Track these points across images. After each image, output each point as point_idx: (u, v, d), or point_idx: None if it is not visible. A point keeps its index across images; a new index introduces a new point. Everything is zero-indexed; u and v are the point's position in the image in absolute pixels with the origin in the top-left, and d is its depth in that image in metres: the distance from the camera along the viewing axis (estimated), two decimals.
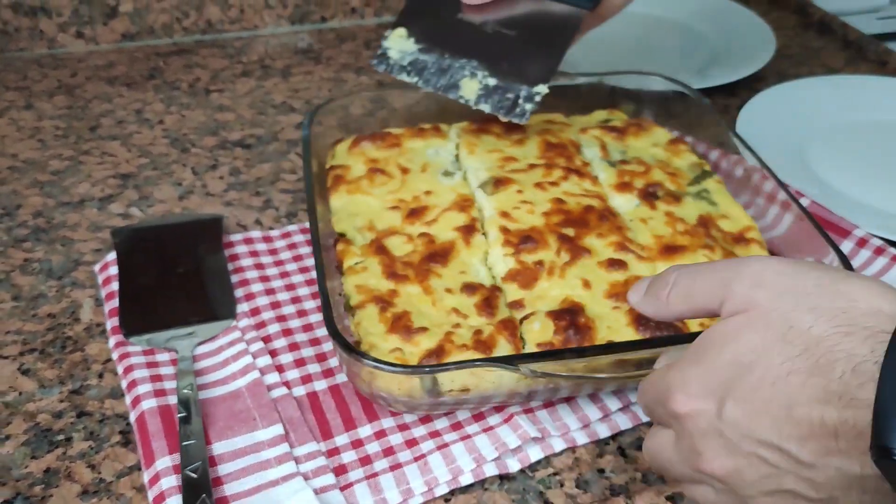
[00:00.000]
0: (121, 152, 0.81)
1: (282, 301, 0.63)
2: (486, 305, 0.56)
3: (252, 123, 0.86)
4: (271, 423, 0.52)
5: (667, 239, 0.62)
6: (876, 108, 0.89)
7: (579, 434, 0.53)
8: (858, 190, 0.76)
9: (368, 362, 0.48)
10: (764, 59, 0.96)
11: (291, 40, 1.03)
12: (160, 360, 0.57)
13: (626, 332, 0.54)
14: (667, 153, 0.72)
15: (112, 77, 0.94)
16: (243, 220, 0.72)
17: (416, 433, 0.53)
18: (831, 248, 0.57)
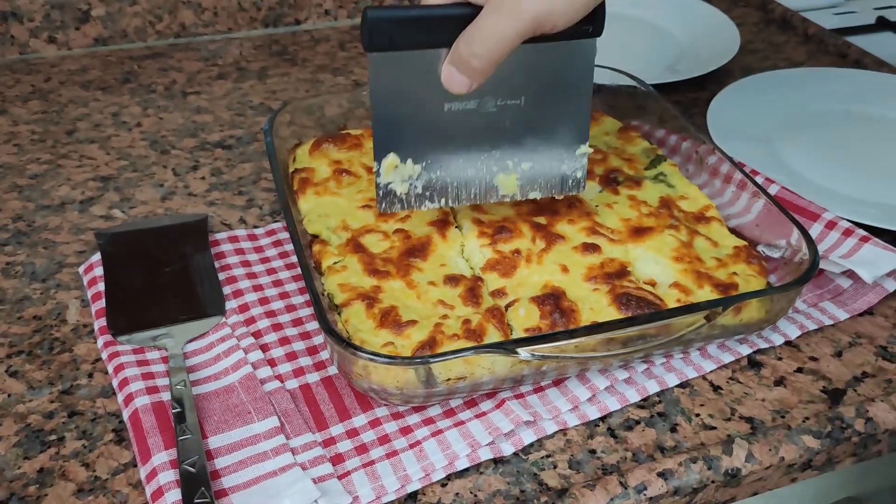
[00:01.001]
0: (99, 155, 0.80)
1: (270, 297, 0.63)
2: (470, 295, 0.57)
3: (231, 124, 0.86)
4: (266, 416, 0.52)
5: (634, 221, 0.64)
6: (838, 99, 0.92)
7: (570, 416, 0.54)
8: (825, 177, 0.79)
9: (366, 356, 0.49)
10: (730, 54, 0.99)
11: (266, 42, 1.04)
12: (150, 359, 0.57)
13: (608, 311, 0.56)
14: (619, 141, 0.75)
15: (86, 81, 0.93)
16: (227, 220, 0.72)
17: (411, 421, 0.54)
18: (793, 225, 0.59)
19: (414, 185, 0.57)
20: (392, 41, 0.50)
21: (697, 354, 0.59)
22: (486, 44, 0.48)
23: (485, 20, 0.48)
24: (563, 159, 0.59)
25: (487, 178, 0.58)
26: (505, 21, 0.47)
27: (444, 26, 0.50)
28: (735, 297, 0.54)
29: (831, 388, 0.57)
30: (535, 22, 0.47)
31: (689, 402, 0.56)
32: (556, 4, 0.47)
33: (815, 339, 0.62)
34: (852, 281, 0.65)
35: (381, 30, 0.50)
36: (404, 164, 0.56)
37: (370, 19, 0.49)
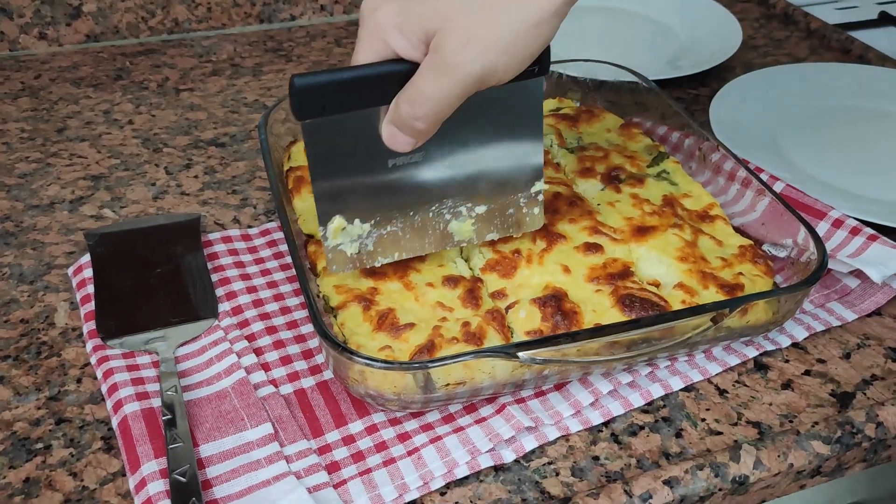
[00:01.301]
0: (90, 154, 0.79)
1: (264, 299, 0.62)
2: (470, 297, 0.56)
3: (225, 122, 0.84)
4: (260, 423, 0.51)
5: (637, 220, 0.62)
6: (842, 94, 0.91)
7: (572, 421, 0.53)
8: (830, 174, 0.77)
9: (363, 360, 0.47)
10: (731, 49, 0.98)
11: (261, 38, 1.02)
12: (141, 363, 0.55)
13: (612, 313, 0.54)
14: (621, 137, 0.74)
15: (77, 78, 0.91)
16: (221, 219, 0.70)
17: (408, 427, 0.52)
18: (800, 224, 0.58)
19: (364, 243, 0.55)
20: (325, 107, 0.47)
21: (702, 357, 0.58)
22: (428, 105, 0.45)
23: (424, 81, 0.45)
24: (518, 198, 0.57)
25: (441, 226, 0.56)
26: (445, 82, 0.44)
27: (379, 86, 0.47)
28: (742, 298, 0.53)
29: (840, 391, 0.56)
30: (477, 81, 0.44)
31: (694, 406, 0.55)
32: (498, 62, 0.44)
33: (823, 340, 0.60)
34: (860, 281, 0.63)
35: (312, 97, 0.46)
36: (352, 225, 0.54)
37: (299, 88, 0.46)
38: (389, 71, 0.46)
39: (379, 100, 0.48)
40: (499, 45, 0.44)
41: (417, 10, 0.44)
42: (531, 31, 0.44)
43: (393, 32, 0.45)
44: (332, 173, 0.51)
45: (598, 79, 0.80)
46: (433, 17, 0.44)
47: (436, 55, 0.44)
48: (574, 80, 0.81)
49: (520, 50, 0.44)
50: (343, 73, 0.47)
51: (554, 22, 0.44)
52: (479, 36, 0.43)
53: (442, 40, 0.44)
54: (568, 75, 0.80)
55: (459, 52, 0.43)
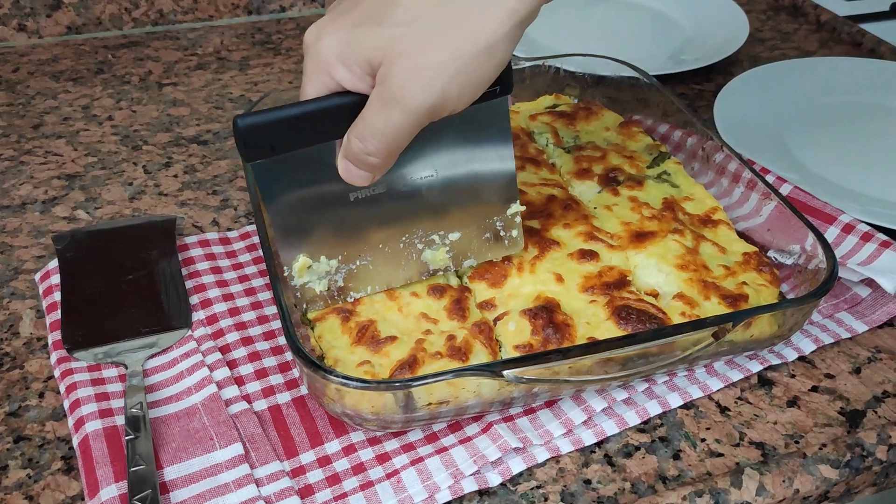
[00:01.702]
0: (66, 151, 0.76)
1: (241, 307, 0.58)
2: (456, 308, 0.52)
3: (208, 118, 0.81)
4: (230, 443, 0.48)
5: (635, 225, 0.59)
6: (853, 90, 0.87)
7: (563, 442, 0.50)
8: (841, 175, 0.74)
9: (338, 379, 0.44)
10: (737, 43, 0.94)
11: (248, 31, 0.99)
12: (107, 377, 0.52)
13: (606, 326, 0.51)
14: (620, 136, 0.70)
15: (57, 72, 0.88)
16: (199, 221, 0.67)
17: (389, 447, 0.49)
18: (809, 230, 0.54)
19: (333, 279, 0.52)
20: (273, 147, 0.44)
21: (703, 372, 0.55)
22: (379, 140, 0.42)
23: (373, 115, 0.42)
24: (494, 222, 0.54)
25: (414, 256, 0.53)
26: (395, 115, 0.41)
27: (329, 121, 0.44)
28: (746, 311, 0.49)
29: (849, 409, 0.53)
30: (429, 113, 0.41)
31: (693, 425, 0.51)
32: (448, 91, 0.41)
33: (832, 353, 0.57)
34: (871, 290, 0.60)
35: (258, 138, 0.44)
36: (318, 263, 0.51)
37: (242, 129, 0.43)
38: (338, 104, 0.43)
39: (331, 134, 0.45)
40: (447, 73, 0.40)
41: (360, 41, 0.41)
42: (482, 57, 0.41)
43: (336, 65, 0.42)
44: (289, 212, 0.49)
45: (597, 74, 0.77)
46: (377, 48, 0.41)
47: (383, 87, 0.41)
48: (572, 76, 0.77)
49: (472, 77, 0.41)
50: (289, 111, 0.43)
51: (507, 44, 0.41)
52: (427, 65, 0.40)
53: (388, 71, 0.41)
54: (566, 70, 0.77)
55: (407, 83, 0.40)
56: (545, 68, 0.77)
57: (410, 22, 0.40)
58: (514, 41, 0.42)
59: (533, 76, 0.77)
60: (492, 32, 0.40)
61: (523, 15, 0.41)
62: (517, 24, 0.41)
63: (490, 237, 0.54)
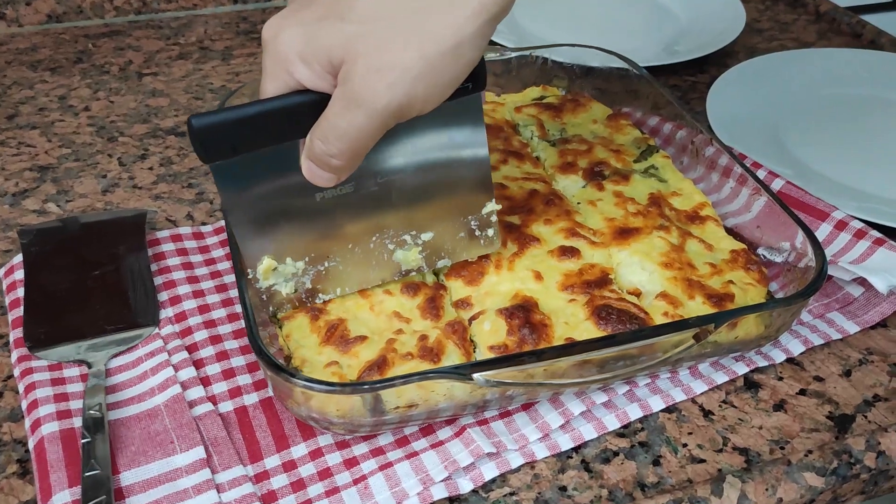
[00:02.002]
0: (40, 142, 0.74)
1: (211, 304, 0.57)
2: (430, 306, 0.50)
3: (187, 109, 0.79)
4: (191, 446, 0.46)
5: (619, 221, 0.57)
6: (852, 83, 0.84)
7: (538, 447, 0.48)
8: (836, 170, 0.71)
9: (301, 382, 0.42)
10: (733, 33, 0.92)
11: (233, 20, 0.96)
12: (68, 376, 0.50)
13: (585, 326, 0.49)
14: (608, 129, 0.68)
15: (35, 61, 0.86)
16: (173, 215, 0.65)
17: (357, 451, 0.47)
18: (798, 228, 0.52)
19: (301, 281, 0.50)
20: (234, 147, 0.42)
21: (687, 374, 0.53)
22: (342, 142, 0.40)
23: (336, 116, 0.40)
24: (468, 221, 0.52)
25: (385, 257, 0.51)
26: (358, 116, 0.39)
27: (290, 120, 0.42)
28: (729, 312, 0.47)
29: (838, 413, 0.51)
30: (394, 114, 0.39)
31: (675, 429, 0.49)
32: (414, 92, 0.39)
33: (821, 355, 0.55)
34: (864, 289, 0.58)
35: (215, 138, 0.41)
36: (284, 265, 0.49)
37: (197, 129, 0.41)
38: (299, 103, 0.41)
39: (293, 133, 0.43)
40: (412, 73, 0.38)
41: (321, 37, 0.39)
42: (448, 57, 0.38)
43: (296, 62, 0.40)
44: (252, 213, 0.46)
45: (586, 65, 0.74)
46: (338, 45, 0.38)
47: (345, 86, 0.39)
48: (561, 66, 0.75)
49: (438, 77, 0.39)
50: (247, 110, 0.41)
51: (476, 42, 0.39)
52: (390, 64, 0.38)
53: (350, 70, 0.38)
54: (554, 61, 0.75)
55: (369, 84, 0.38)
56: (532, 59, 0.75)
57: (372, 19, 0.38)
58: (485, 38, 0.39)
59: (520, 67, 0.75)
60: (458, 31, 0.38)
61: (493, 12, 0.39)
62: (486, 21, 0.39)
63: (465, 236, 0.52)
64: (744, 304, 0.52)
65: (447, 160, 0.49)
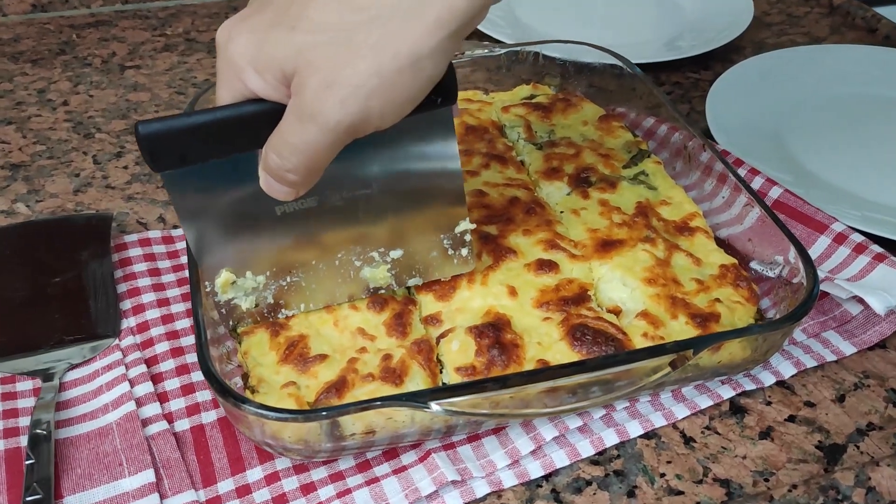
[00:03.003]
0: (15, 138, 0.72)
1: (175, 314, 0.55)
2: (397, 323, 0.48)
3: (168, 104, 0.77)
4: (140, 469, 0.44)
5: (602, 232, 0.54)
6: (864, 81, 0.80)
7: (506, 474, 0.45)
8: (840, 175, 0.68)
9: (251, 409, 0.40)
10: (740, 27, 0.88)
11: (222, 10, 0.94)
12: (20, 390, 0.48)
13: (559, 347, 0.47)
14: (598, 132, 0.65)
15: (17, 52, 0.84)
16: (144, 217, 0.63)
17: (316, 475, 0.45)
18: (790, 243, 0.49)
19: (262, 295, 0.48)
20: (184, 156, 0.40)
21: (669, 396, 0.50)
22: (297, 157, 0.38)
23: (289, 130, 0.38)
24: (441, 240, 0.49)
25: (351, 273, 0.49)
26: (311, 132, 0.37)
27: (243, 129, 0.39)
28: (710, 336, 0.44)
29: (828, 442, 0.48)
30: (349, 130, 0.37)
31: (653, 457, 0.47)
32: (369, 108, 0.36)
33: (814, 378, 0.52)
34: (862, 307, 0.54)
35: (165, 147, 0.39)
36: (243, 279, 0.47)
37: (144, 136, 0.38)
38: (253, 112, 0.39)
39: (247, 144, 0.40)
40: (365, 89, 0.36)
41: (271, 47, 0.36)
42: (406, 73, 0.36)
43: (248, 71, 0.37)
44: (208, 224, 0.44)
45: (580, 61, 0.71)
46: (290, 56, 0.36)
47: (298, 99, 0.37)
48: (553, 63, 0.72)
49: (395, 93, 0.36)
50: (198, 118, 0.39)
51: (437, 58, 0.36)
52: (343, 79, 0.35)
53: (302, 83, 0.36)
54: (546, 56, 0.72)
55: (321, 98, 0.36)
56: (524, 55, 0.72)
57: (325, 29, 0.36)
58: (447, 53, 0.37)
59: (511, 64, 0.72)
60: (416, 46, 0.35)
61: (453, 27, 0.36)
62: (447, 36, 0.36)
63: (438, 255, 0.50)
64: (731, 323, 0.49)
65: (417, 175, 0.46)
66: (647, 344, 0.47)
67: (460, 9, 0.35)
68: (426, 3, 0.35)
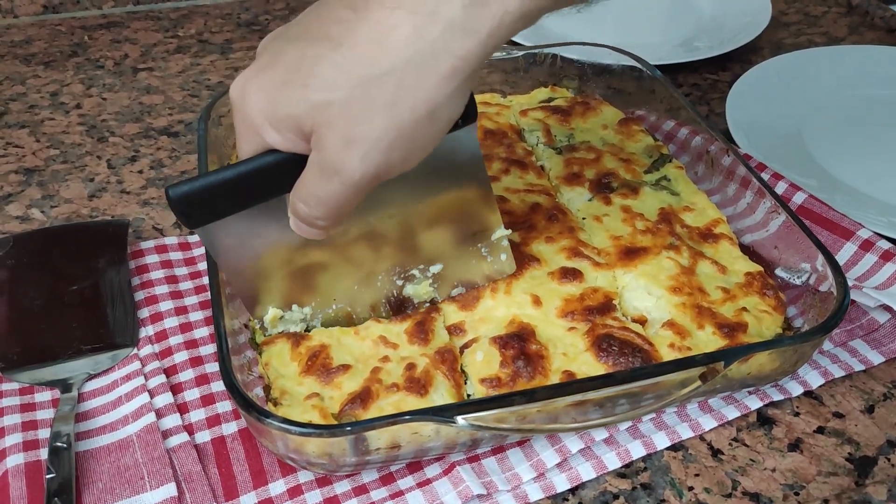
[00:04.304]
0: (28, 143, 0.71)
1: (194, 322, 0.54)
2: (418, 331, 0.47)
3: (182, 107, 0.76)
4: (162, 483, 0.43)
5: (626, 240, 0.53)
6: (885, 83, 0.79)
7: (532, 487, 0.45)
8: (865, 180, 0.67)
9: (275, 423, 0.39)
10: (758, 28, 0.87)
11: (235, 11, 0.93)
12: (39, 401, 0.48)
13: (585, 358, 0.46)
14: (618, 136, 0.64)
15: (29, 55, 0.84)
16: (160, 223, 0.63)
17: (339, 489, 0.44)
18: (818, 251, 0.48)
19: (311, 324, 0.49)
20: (215, 211, 0.42)
21: (695, 407, 0.49)
22: (324, 207, 0.39)
23: (313, 183, 0.38)
24: (479, 249, 0.49)
25: (395, 293, 0.49)
26: (335, 185, 0.37)
27: (267, 180, 0.40)
28: (739, 349, 0.44)
29: (859, 454, 0.47)
30: (372, 180, 0.37)
31: (681, 470, 0.46)
32: (389, 159, 0.36)
33: (842, 388, 0.51)
34: (890, 315, 0.53)
35: (195, 205, 0.40)
36: (290, 312, 0.48)
37: (175, 200, 0.40)
38: (274, 162, 0.39)
39: (273, 192, 0.41)
40: (385, 142, 0.36)
41: (286, 104, 0.36)
42: (424, 122, 0.36)
43: (266, 128, 0.38)
44: (248, 269, 0.45)
45: (598, 63, 0.70)
46: (306, 113, 0.36)
47: (318, 155, 0.37)
48: (572, 64, 0.71)
49: (414, 142, 0.36)
50: (224, 174, 0.40)
51: (454, 101, 0.36)
52: (361, 136, 0.35)
53: (321, 140, 0.36)
54: (564, 58, 0.71)
55: (342, 155, 0.36)
56: (542, 57, 0.71)
57: (338, 87, 0.35)
58: (464, 94, 0.37)
59: (529, 66, 0.71)
60: (431, 97, 0.35)
61: (469, 72, 0.36)
62: (463, 80, 0.36)
63: (476, 263, 0.50)
64: (758, 333, 0.48)
65: (447, 192, 0.46)
66: (674, 355, 0.46)
67: (475, 55, 0.35)
68: (439, 55, 0.34)
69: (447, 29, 0.34)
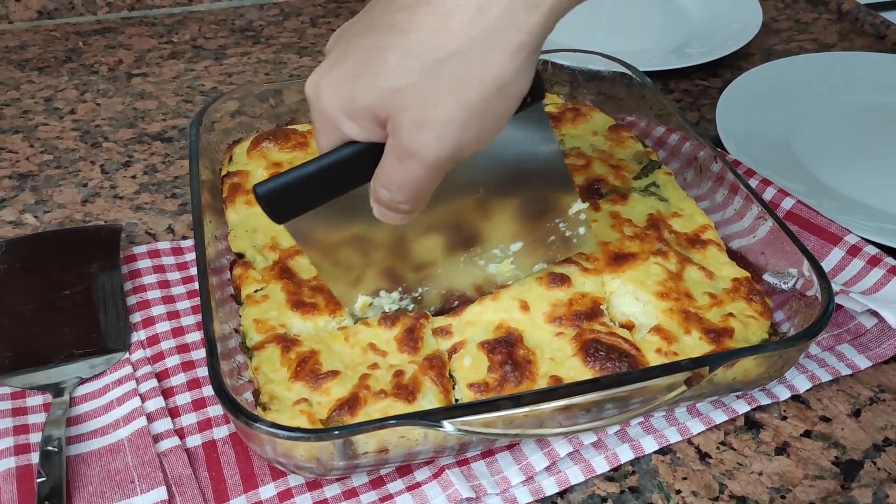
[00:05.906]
0: (22, 148, 0.71)
1: (186, 327, 0.54)
2: (408, 338, 0.48)
3: (175, 113, 0.77)
4: (152, 486, 0.44)
5: (614, 245, 0.54)
6: (874, 89, 0.80)
7: (520, 490, 0.45)
8: (853, 185, 0.67)
9: (263, 428, 0.39)
10: (749, 34, 0.87)
11: (229, 17, 0.94)
12: (31, 405, 0.48)
13: (572, 363, 0.46)
14: (608, 142, 0.64)
15: (23, 60, 0.84)
16: (153, 228, 0.63)
17: (329, 492, 0.45)
18: (804, 256, 0.49)
19: (400, 306, 0.51)
20: (301, 205, 0.43)
21: (683, 411, 0.49)
22: (405, 191, 0.40)
23: (392, 168, 0.39)
24: (556, 224, 0.50)
25: (477, 273, 0.50)
26: (413, 168, 0.38)
27: (348, 171, 0.41)
28: (726, 353, 0.44)
29: (845, 458, 0.47)
30: (448, 160, 0.38)
31: (669, 473, 0.46)
32: (463, 138, 0.37)
33: (829, 392, 0.51)
34: (877, 320, 0.54)
35: (281, 201, 0.42)
36: (378, 298, 0.50)
37: (262, 197, 0.42)
38: (354, 153, 0.40)
39: (355, 182, 0.42)
40: (457, 123, 0.37)
41: (361, 96, 0.37)
42: (494, 99, 0.36)
43: (343, 120, 0.39)
44: (336, 258, 0.48)
45: (590, 69, 0.71)
46: (380, 101, 0.37)
47: (395, 140, 0.38)
48: (562, 71, 0.72)
49: (487, 119, 0.37)
50: (307, 169, 0.41)
51: (521, 76, 0.37)
52: (434, 119, 0.36)
53: (397, 125, 0.37)
54: (555, 65, 0.71)
55: (418, 138, 0.37)
56: None
57: (408, 74, 0.36)
58: (531, 69, 0.37)
59: None
60: (499, 73, 0.36)
61: (535, 46, 0.36)
62: (528, 55, 0.36)
63: (556, 239, 0.51)
64: (744, 338, 0.48)
65: (522, 170, 0.47)
66: (661, 360, 0.47)
67: (539, 29, 0.36)
68: (503, 31, 0.35)
69: (510, 5, 0.35)
